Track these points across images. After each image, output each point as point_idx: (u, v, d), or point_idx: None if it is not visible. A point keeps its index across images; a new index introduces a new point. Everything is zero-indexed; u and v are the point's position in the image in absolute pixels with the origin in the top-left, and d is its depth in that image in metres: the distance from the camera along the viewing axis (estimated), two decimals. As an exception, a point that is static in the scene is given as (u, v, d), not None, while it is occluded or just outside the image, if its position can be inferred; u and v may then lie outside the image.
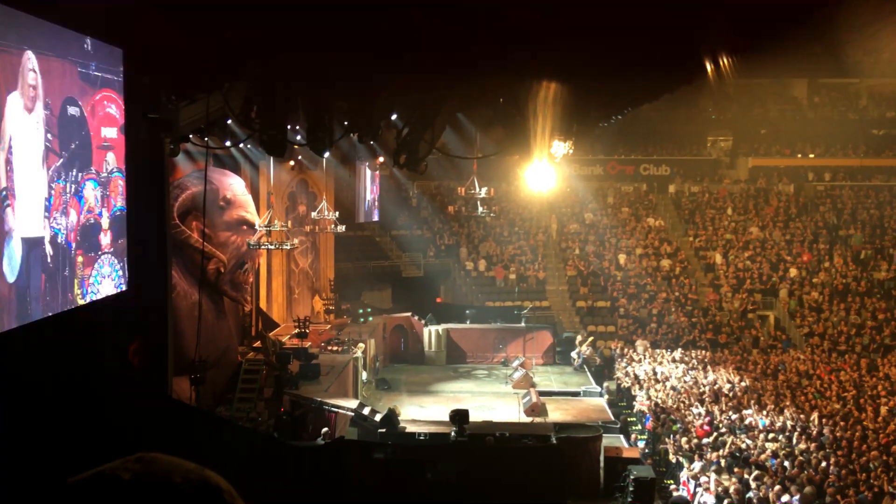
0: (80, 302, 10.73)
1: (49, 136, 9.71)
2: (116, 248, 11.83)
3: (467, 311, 29.12)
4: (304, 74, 13.01)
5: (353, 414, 17.84)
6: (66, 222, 10.30)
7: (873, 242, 33.05)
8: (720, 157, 39.60)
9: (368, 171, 29.35)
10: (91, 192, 10.96)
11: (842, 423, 17.81)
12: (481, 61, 12.23)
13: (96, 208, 11.17)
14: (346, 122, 15.86)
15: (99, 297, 11.28)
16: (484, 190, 22.71)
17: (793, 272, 31.73)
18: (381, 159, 27.85)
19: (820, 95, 39.51)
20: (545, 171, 19.68)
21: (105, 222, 11.45)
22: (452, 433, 15.72)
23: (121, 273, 11.99)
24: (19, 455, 8.35)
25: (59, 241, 10.13)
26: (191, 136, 15.40)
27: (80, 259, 10.69)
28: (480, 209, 24.11)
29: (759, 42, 10.80)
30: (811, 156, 38.39)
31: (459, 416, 15.82)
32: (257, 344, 21.45)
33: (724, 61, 10.53)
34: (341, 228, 24.74)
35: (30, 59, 9.18)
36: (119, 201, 11.93)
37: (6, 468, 8.12)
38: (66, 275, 10.34)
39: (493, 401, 21.65)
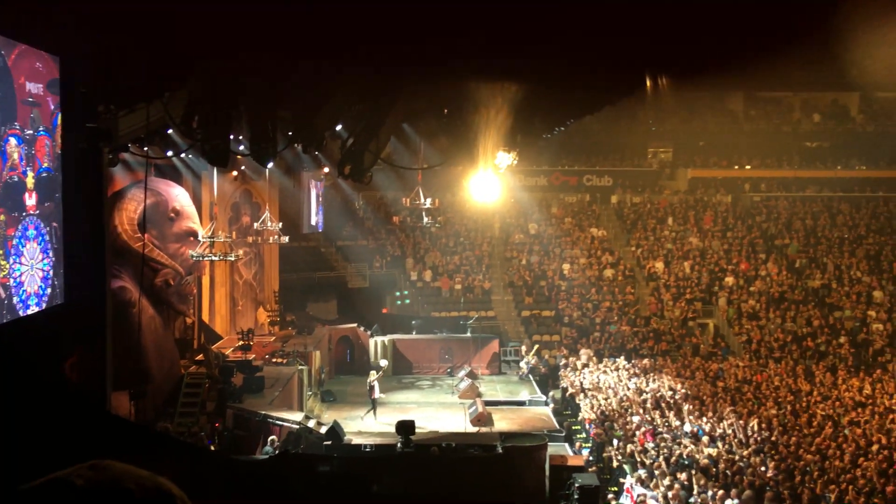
0: (3, 263, 10.29)
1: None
2: (43, 210, 11.22)
3: (413, 322, 29.09)
4: (247, 83, 12.88)
5: (297, 427, 17.65)
6: (-14, 176, 9.71)
7: (807, 251, 34.08)
8: (660, 168, 40.41)
9: (313, 182, 29.17)
10: (14, 147, 10.36)
11: (779, 429, 18.26)
12: (430, 66, 12.28)
13: (20, 166, 10.58)
14: (290, 133, 15.73)
15: (23, 260, 10.76)
16: (429, 200, 22.77)
17: (731, 281, 32.51)
18: (327, 170, 27.71)
19: (756, 109, 40.64)
20: (490, 182, 19.79)
21: (30, 182, 10.86)
22: (398, 444, 15.67)
23: (48, 238, 11.38)
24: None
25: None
26: (130, 145, 15.11)
27: (1, 218, 10.17)
28: (426, 220, 24.14)
29: (698, 67, 11.08)
30: (747, 167, 39.46)
31: (405, 428, 15.79)
32: (200, 357, 21.10)
33: (662, 79, 10.78)
34: (285, 239, 24.54)
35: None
36: (46, 162, 11.27)
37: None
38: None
39: (439, 411, 21.65)
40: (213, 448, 16.16)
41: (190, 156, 20.56)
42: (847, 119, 40.52)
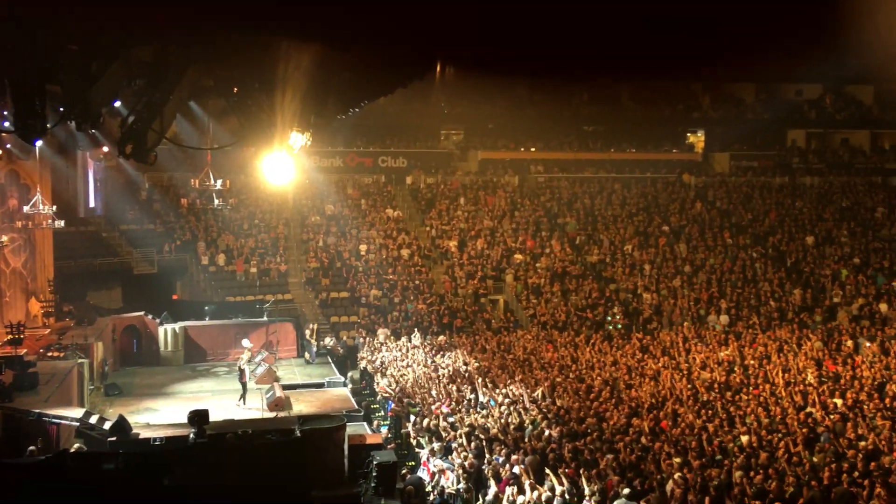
0: None
1: None
2: None
3: (206, 308, 28.15)
4: (9, 52, 11.73)
5: (78, 424, 16.54)
6: None
7: (586, 229, 36.57)
8: (453, 150, 41.65)
9: (91, 162, 27.24)
10: None
11: (563, 395, 19.52)
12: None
13: None
14: (61, 108, 14.50)
15: None
16: (219, 182, 22.03)
17: (518, 258, 34.19)
18: (106, 149, 25.93)
19: (540, 94, 42.83)
20: (283, 163, 19.41)
21: None
22: (191, 435, 15.10)
23: None
24: None
25: None
26: None
27: None
28: (217, 202, 23.37)
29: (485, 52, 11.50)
30: (532, 150, 41.69)
31: (199, 417, 15.21)
32: (-40, 355, 19.12)
33: (448, 69, 11.12)
34: (60, 224, 22.84)
35: None
36: None
37: None
38: None
39: (236, 398, 21.11)
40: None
41: (-58, 132, 18.50)
42: (619, 105, 43.86)
